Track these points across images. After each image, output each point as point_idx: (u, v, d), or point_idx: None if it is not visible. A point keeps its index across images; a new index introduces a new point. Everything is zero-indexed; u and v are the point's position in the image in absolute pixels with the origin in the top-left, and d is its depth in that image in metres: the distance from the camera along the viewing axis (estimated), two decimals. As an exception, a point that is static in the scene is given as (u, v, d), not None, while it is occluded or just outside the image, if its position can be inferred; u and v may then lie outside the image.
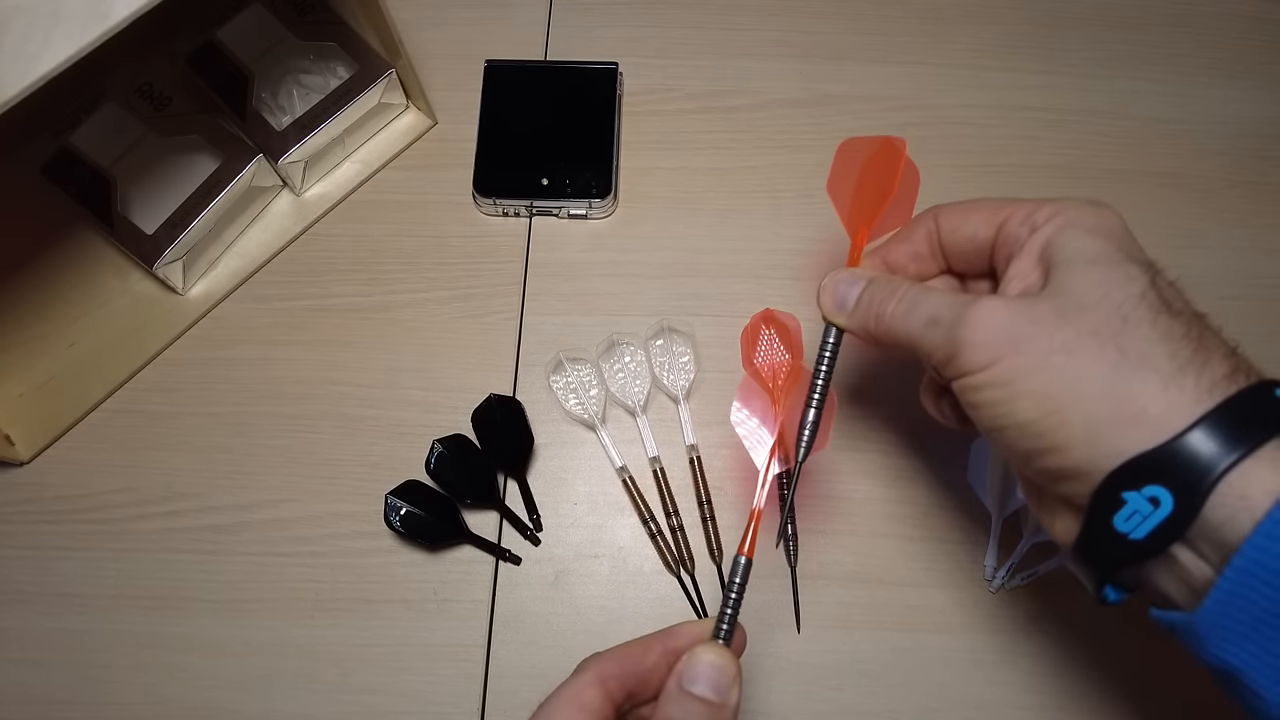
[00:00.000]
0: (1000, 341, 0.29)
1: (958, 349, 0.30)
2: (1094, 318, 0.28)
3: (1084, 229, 0.31)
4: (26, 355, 0.50)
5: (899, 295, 0.33)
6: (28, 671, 0.45)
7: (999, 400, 0.29)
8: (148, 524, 0.47)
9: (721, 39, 0.58)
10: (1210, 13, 0.59)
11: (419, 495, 0.46)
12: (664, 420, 0.49)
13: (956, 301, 0.31)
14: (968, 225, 0.34)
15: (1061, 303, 0.29)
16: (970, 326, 0.30)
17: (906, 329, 0.32)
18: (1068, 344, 0.28)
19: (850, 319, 0.35)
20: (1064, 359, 0.28)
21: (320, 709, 0.44)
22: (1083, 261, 0.30)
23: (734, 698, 0.30)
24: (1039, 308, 0.29)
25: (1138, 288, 0.29)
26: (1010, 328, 0.29)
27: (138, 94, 0.50)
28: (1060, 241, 0.31)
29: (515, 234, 0.53)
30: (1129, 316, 0.28)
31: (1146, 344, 0.28)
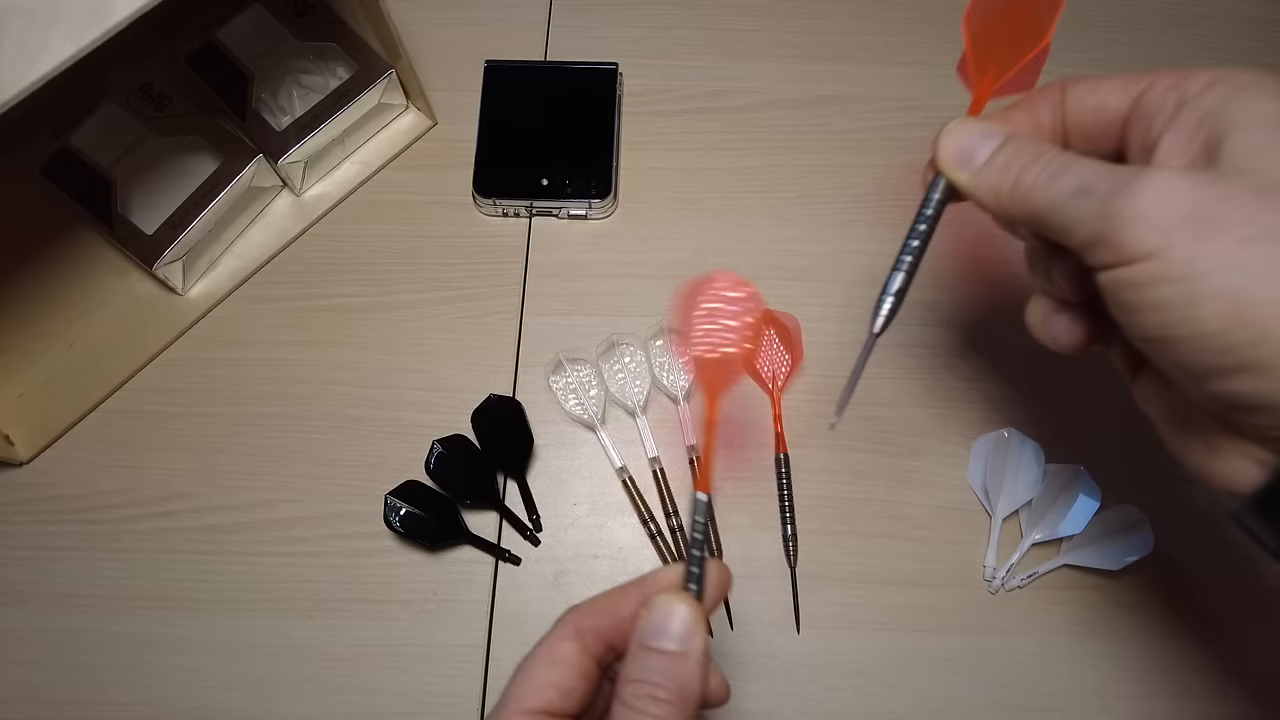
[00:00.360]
0: (1178, 220, 0.23)
1: (1118, 225, 0.24)
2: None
3: (1259, 91, 0.25)
4: (26, 355, 0.50)
5: (1046, 158, 0.27)
6: (27, 671, 0.45)
7: (1172, 301, 0.23)
8: (147, 524, 0.47)
9: (721, 39, 0.58)
10: (1210, 13, 0.59)
11: (419, 495, 0.46)
12: (664, 420, 0.49)
13: (1117, 169, 0.25)
14: (1096, 94, 0.29)
15: (1256, 180, 0.23)
16: (1136, 198, 0.24)
17: (1048, 196, 0.26)
18: (1271, 231, 0.22)
19: (978, 177, 0.29)
20: (1268, 249, 0.22)
21: (320, 709, 0.44)
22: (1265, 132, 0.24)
23: (696, 645, 0.27)
24: (1227, 185, 0.23)
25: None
26: (1191, 206, 0.23)
27: (138, 94, 0.50)
28: (1233, 107, 0.25)
29: (515, 234, 0.53)
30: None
31: None
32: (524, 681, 0.28)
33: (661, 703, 0.27)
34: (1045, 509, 0.46)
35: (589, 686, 0.29)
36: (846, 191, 0.55)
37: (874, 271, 0.52)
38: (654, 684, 0.27)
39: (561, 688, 0.28)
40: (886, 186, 0.55)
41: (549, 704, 0.28)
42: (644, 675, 0.27)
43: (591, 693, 0.29)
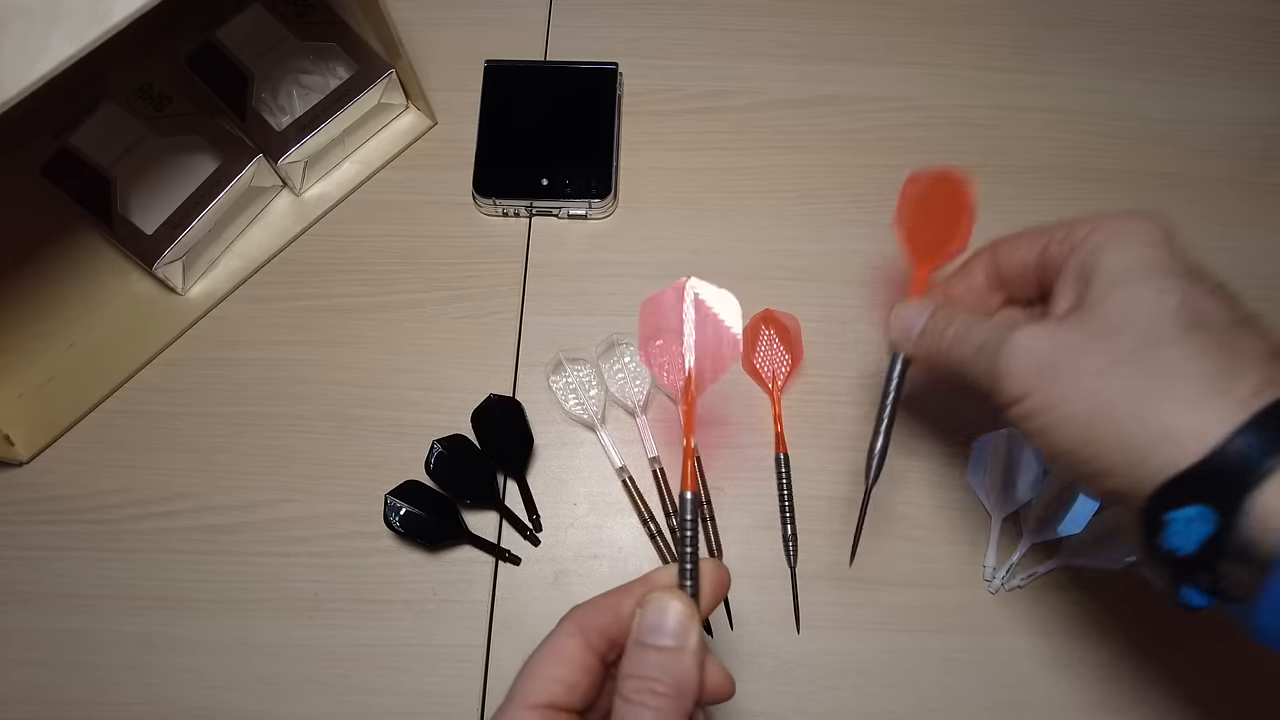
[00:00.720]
0: (1035, 370, 0.30)
1: (998, 378, 0.31)
2: (1125, 339, 0.29)
3: (1118, 245, 0.31)
4: (26, 355, 0.50)
5: (957, 322, 0.34)
6: (29, 671, 0.45)
7: (1040, 430, 0.30)
8: (147, 524, 0.47)
9: (721, 39, 0.58)
10: (1210, 13, 0.59)
11: (419, 495, 0.46)
12: (664, 420, 0.49)
13: (1001, 327, 0.32)
14: (1017, 252, 0.35)
15: (1094, 326, 0.30)
16: (1008, 356, 0.31)
17: (961, 354, 0.34)
18: (1100, 369, 0.29)
19: (916, 346, 0.36)
20: (1096, 384, 0.29)
21: (320, 709, 0.44)
22: (1113, 280, 0.30)
23: (692, 640, 0.28)
24: (1071, 333, 0.30)
25: (1171, 302, 0.29)
26: (1044, 356, 0.30)
27: (138, 94, 0.50)
28: (1094, 260, 0.31)
29: (515, 234, 0.53)
30: (1161, 336, 0.28)
31: (1176, 363, 0.28)
32: (530, 677, 0.29)
33: (660, 696, 0.27)
34: (1045, 509, 0.46)
35: (593, 682, 0.30)
36: (846, 191, 0.55)
37: (874, 271, 0.52)
38: (652, 679, 0.28)
39: (566, 683, 0.29)
40: (886, 186, 0.54)
41: (554, 699, 0.29)
42: (642, 671, 0.28)
43: (595, 688, 0.30)
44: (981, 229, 0.53)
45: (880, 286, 0.52)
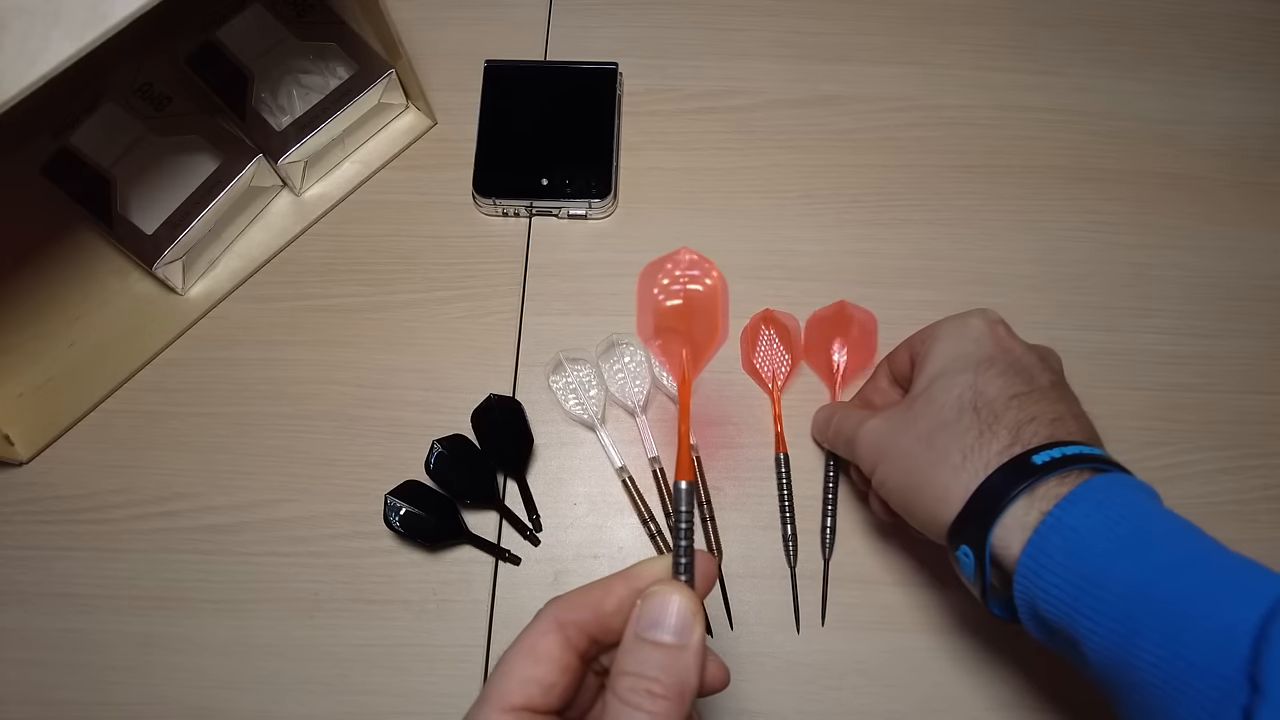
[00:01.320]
0: (875, 452, 0.40)
1: (856, 459, 0.42)
2: (925, 424, 0.37)
3: (939, 345, 0.39)
4: (26, 355, 0.50)
5: (835, 418, 0.45)
6: (28, 671, 0.45)
7: (885, 496, 0.40)
8: (147, 524, 0.47)
9: (721, 39, 0.58)
10: (1210, 13, 0.59)
11: (419, 495, 0.46)
12: (664, 420, 0.49)
13: (858, 421, 0.41)
14: (900, 360, 0.43)
15: (909, 414, 0.38)
16: (858, 444, 0.41)
17: (834, 443, 0.45)
18: (907, 449, 0.38)
19: (824, 440, 0.47)
20: (905, 462, 0.38)
21: (320, 709, 0.44)
22: (931, 375, 0.39)
23: (695, 638, 0.27)
24: (897, 421, 0.39)
25: (956, 393, 0.37)
26: (879, 441, 0.40)
27: (137, 94, 0.50)
28: (922, 359, 0.40)
29: (515, 234, 0.53)
30: (943, 420, 0.37)
31: (949, 440, 0.36)
32: (504, 677, 0.28)
33: (658, 698, 0.26)
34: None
35: (571, 681, 0.28)
36: (846, 191, 0.55)
37: (874, 271, 0.52)
38: (651, 678, 0.26)
39: (543, 684, 0.27)
40: (886, 186, 0.55)
41: (530, 700, 0.27)
42: (640, 669, 0.26)
43: (574, 688, 0.29)
44: (982, 228, 0.54)
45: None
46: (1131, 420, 0.50)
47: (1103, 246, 0.53)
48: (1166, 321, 0.52)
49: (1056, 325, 0.52)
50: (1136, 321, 0.52)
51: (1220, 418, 0.50)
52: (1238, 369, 0.51)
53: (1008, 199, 0.54)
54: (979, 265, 0.53)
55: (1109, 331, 0.52)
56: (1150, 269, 0.53)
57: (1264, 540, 0.48)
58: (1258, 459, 0.49)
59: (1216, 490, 0.48)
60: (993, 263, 0.53)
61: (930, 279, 0.52)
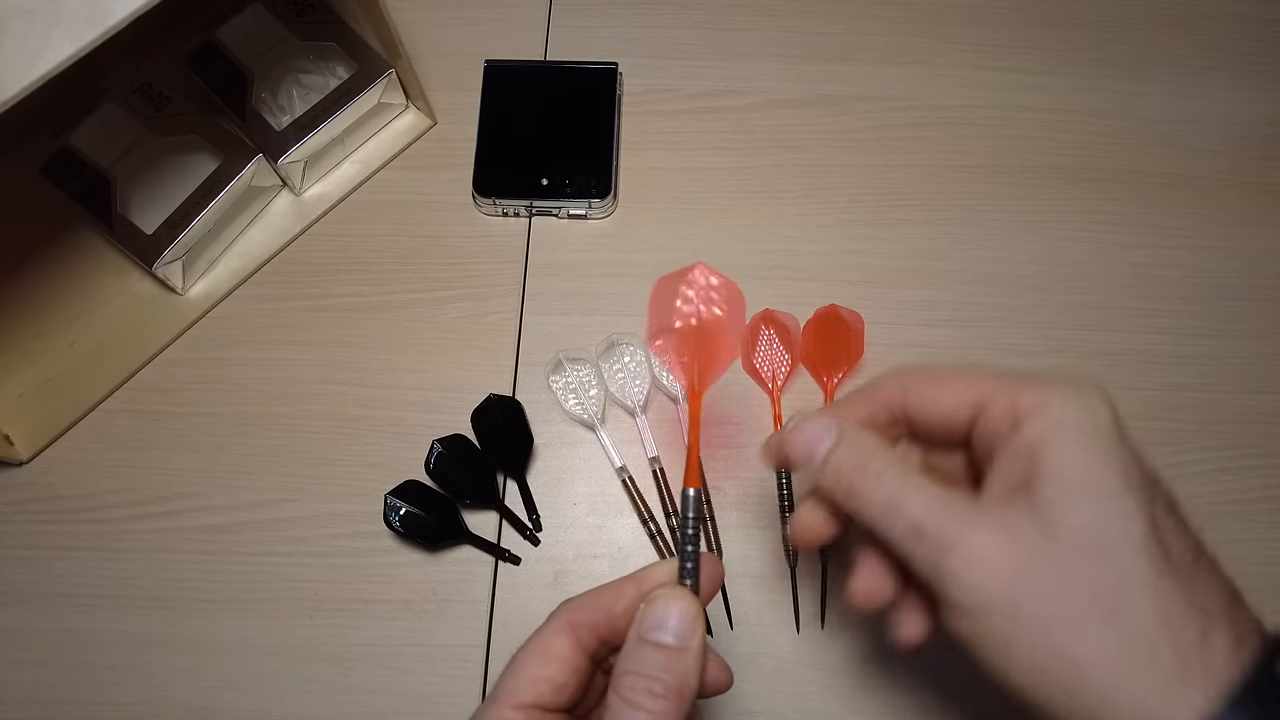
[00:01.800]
0: (995, 592, 0.26)
1: (946, 579, 0.27)
2: (1092, 575, 0.26)
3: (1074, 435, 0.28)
4: (26, 355, 0.50)
5: (874, 476, 0.29)
6: (27, 671, 0.45)
7: (990, 657, 0.27)
8: (147, 524, 0.47)
9: (721, 39, 0.58)
10: (1210, 13, 0.59)
11: (419, 495, 0.46)
12: (664, 420, 0.49)
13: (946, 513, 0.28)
14: (940, 403, 0.31)
15: (1057, 547, 0.26)
16: (962, 562, 0.27)
17: (885, 528, 0.29)
18: (1067, 612, 0.26)
19: (820, 477, 0.30)
20: (1065, 634, 0.26)
21: (320, 709, 0.44)
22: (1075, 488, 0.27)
23: (695, 641, 0.27)
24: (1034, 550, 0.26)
25: (1138, 529, 0.26)
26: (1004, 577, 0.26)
27: (137, 94, 0.50)
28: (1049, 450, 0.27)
29: (515, 234, 0.53)
30: (1129, 577, 0.26)
31: (1148, 622, 0.25)
32: (516, 675, 0.29)
33: (658, 698, 0.27)
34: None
35: (581, 681, 0.29)
36: (846, 191, 0.55)
37: (874, 271, 0.52)
38: (651, 678, 0.27)
39: (554, 683, 0.28)
40: (886, 186, 0.55)
41: (540, 698, 0.28)
42: (642, 669, 0.27)
43: (583, 687, 0.29)
44: (982, 228, 0.54)
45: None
46: (1131, 420, 0.49)
47: (1103, 246, 0.53)
48: (1166, 321, 0.52)
49: (1056, 325, 0.52)
50: (1136, 321, 0.52)
51: (1220, 418, 0.50)
52: (1238, 369, 0.51)
53: (1007, 199, 0.54)
54: (979, 265, 0.53)
55: (1109, 331, 0.52)
56: (1150, 269, 0.53)
57: (1264, 540, 0.48)
58: (1258, 459, 0.49)
59: (1216, 490, 0.48)
60: (993, 263, 0.53)
61: (930, 279, 0.52)
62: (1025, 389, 0.29)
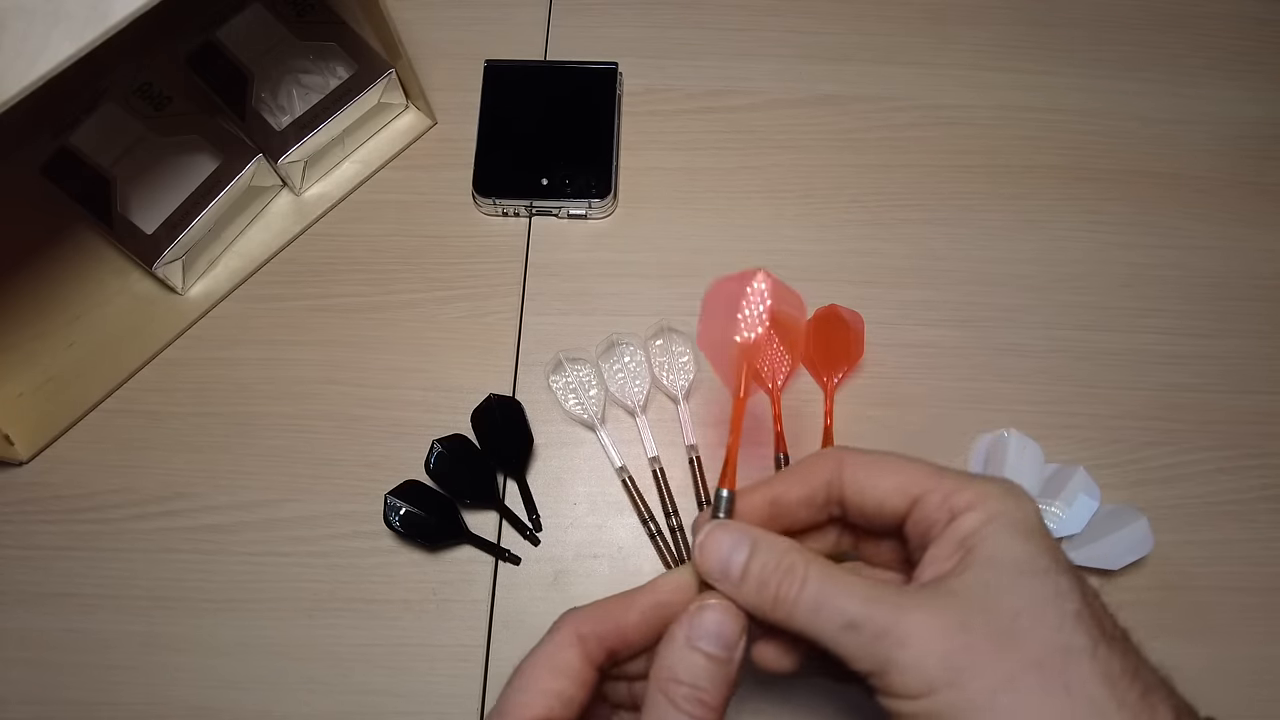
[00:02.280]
0: (936, 669, 0.26)
1: (888, 668, 0.27)
2: (1034, 645, 0.26)
3: (1010, 526, 0.28)
4: (26, 355, 0.50)
5: (798, 578, 0.28)
6: (27, 671, 0.45)
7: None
8: (147, 524, 0.47)
9: (721, 39, 0.58)
10: (1210, 13, 0.59)
11: (419, 495, 0.46)
12: (664, 420, 0.49)
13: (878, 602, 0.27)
14: (877, 490, 0.30)
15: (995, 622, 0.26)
16: (900, 645, 0.26)
17: (817, 629, 0.28)
18: (1012, 680, 0.26)
19: (739, 593, 0.29)
20: (1010, 700, 0.25)
21: (320, 709, 0.44)
22: (1013, 570, 0.27)
23: (739, 654, 0.28)
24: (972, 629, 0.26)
25: (1072, 605, 0.27)
26: (946, 654, 0.26)
27: (137, 94, 0.50)
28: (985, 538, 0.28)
29: (515, 234, 0.53)
30: (1070, 646, 0.26)
31: (1092, 684, 0.25)
32: (523, 690, 0.28)
33: (706, 706, 0.27)
34: (1045, 509, 0.46)
35: (588, 694, 0.29)
36: (846, 191, 0.55)
37: (874, 271, 0.52)
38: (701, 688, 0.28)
39: (563, 696, 0.28)
40: (886, 186, 0.55)
41: (549, 712, 0.28)
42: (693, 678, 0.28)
43: (589, 700, 0.29)
44: (981, 228, 0.54)
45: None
46: (1130, 420, 0.50)
47: (1101, 246, 0.53)
48: (1165, 321, 0.52)
49: (1055, 325, 0.52)
50: (1135, 321, 0.52)
51: (1219, 418, 0.50)
52: (1236, 369, 0.51)
53: (1007, 199, 0.54)
54: (978, 265, 0.53)
55: (1108, 331, 0.52)
56: (1149, 269, 0.53)
57: (1263, 540, 0.48)
58: (1256, 459, 0.49)
59: (1215, 490, 0.48)
60: (992, 263, 0.53)
61: (930, 279, 0.52)
62: (962, 486, 0.29)
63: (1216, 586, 0.47)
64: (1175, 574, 0.47)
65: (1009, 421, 0.48)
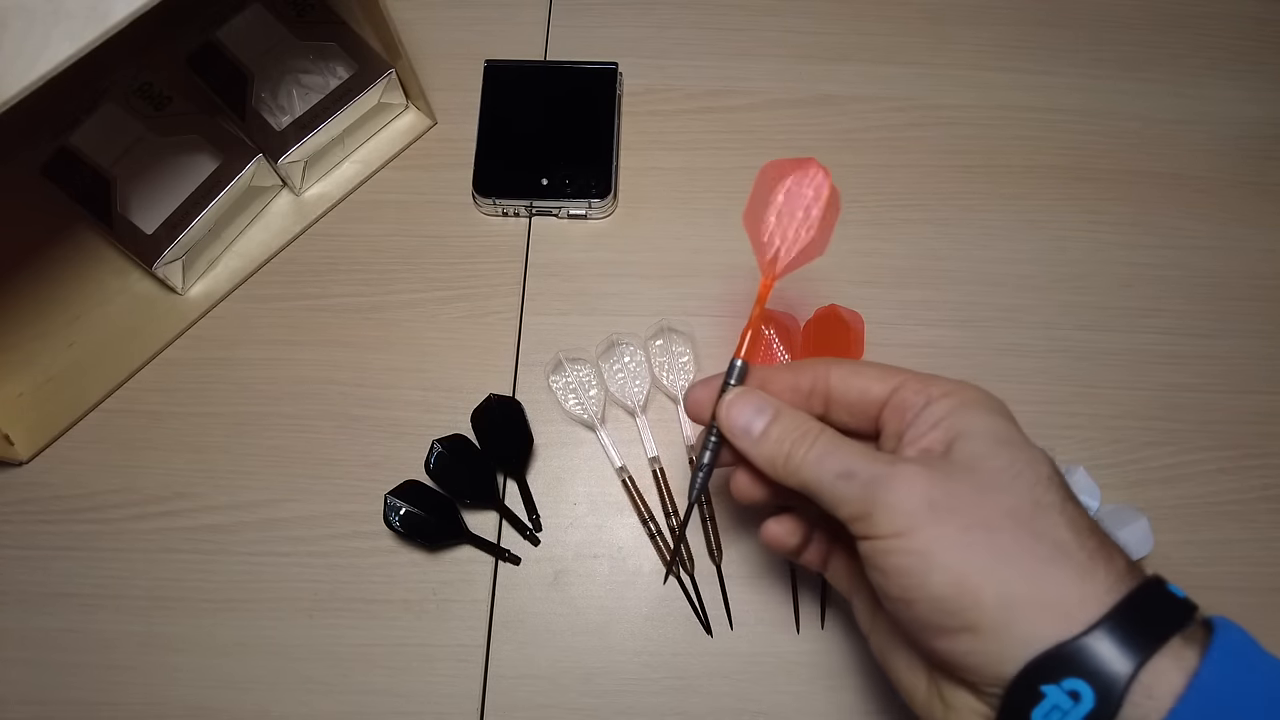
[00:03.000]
0: (919, 510, 0.28)
1: (873, 508, 0.29)
2: (1010, 498, 0.28)
3: (984, 408, 0.31)
4: (26, 355, 0.50)
5: (811, 440, 0.32)
6: (27, 671, 0.45)
7: (913, 569, 0.28)
8: (146, 524, 0.47)
9: (721, 39, 0.58)
10: (1210, 13, 0.59)
11: (418, 495, 0.46)
12: (663, 420, 0.49)
13: (875, 459, 0.30)
14: (860, 379, 0.34)
15: (977, 478, 0.29)
16: (888, 488, 0.29)
17: (816, 476, 0.31)
18: (987, 521, 0.28)
19: (756, 448, 0.33)
20: (984, 535, 0.28)
21: (320, 709, 0.44)
22: (991, 439, 0.30)
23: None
24: (957, 482, 0.29)
25: (1045, 470, 0.29)
26: (930, 498, 0.29)
27: (137, 94, 0.50)
28: (963, 416, 0.31)
29: (515, 234, 0.53)
30: (1040, 500, 0.28)
31: (1059, 530, 0.28)
32: None
33: None
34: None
35: None
36: (846, 191, 0.54)
37: (874, 271, 0.52)
38: None
39: None
40: (886, 186, 0.55)
41: None
42: None
43: None
44: (982, 228, 0.54)
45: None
46: (1131, 420, 0.50)
47: (1102, 246, 0.53)
48: (1166, 321, 0.52)
49: (1056, 325, 0.52)
50: (1136, 321, 0.52)
51: (1219, 418, 0.50)
52: (1237, 369, 0.51)
53: (1007, 199, 0.54)
54: (979, 265, 0.53)
55: (1108, 331, 0.52)
56: (1150, 269, 0.53)
57: (1263, 540, 0.48)
58: (1257, 459, 0.49)
59: (1216, 490, 0.48)
60: (992, 263, 0.53)
61: (930, 279, 0.52)
62: (938, 379, 0.32)
63: (1216, 586, 0.47)
64: (1175, 574, 0.46)
65: (1009, 421, 0.48)
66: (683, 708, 0.44)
